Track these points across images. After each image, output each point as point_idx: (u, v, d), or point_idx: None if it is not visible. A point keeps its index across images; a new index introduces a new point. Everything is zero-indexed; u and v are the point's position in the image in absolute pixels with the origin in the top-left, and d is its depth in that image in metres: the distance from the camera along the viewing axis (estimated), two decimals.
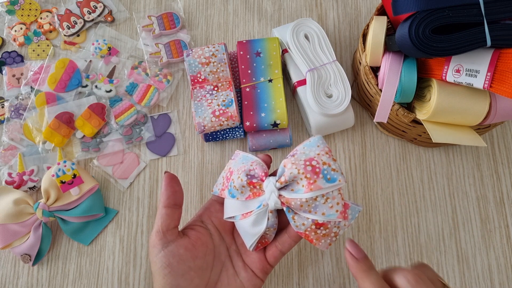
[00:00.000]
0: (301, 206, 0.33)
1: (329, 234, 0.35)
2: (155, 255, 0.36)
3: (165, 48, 0.56)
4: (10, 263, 0.49)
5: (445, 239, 0.49)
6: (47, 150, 0.52)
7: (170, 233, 0.37)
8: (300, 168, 0.33)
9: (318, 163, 0.33)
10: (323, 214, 0.33)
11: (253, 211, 0.36)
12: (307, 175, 0.33)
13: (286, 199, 0.34)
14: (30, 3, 0.59)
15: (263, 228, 0.36)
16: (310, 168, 0.33)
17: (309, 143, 0.36)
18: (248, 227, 0.36)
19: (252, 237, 0.37)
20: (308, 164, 0.33)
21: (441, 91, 0.42)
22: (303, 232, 0.34)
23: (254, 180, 0.36)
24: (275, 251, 0.38)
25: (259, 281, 0.39)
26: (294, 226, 0.34)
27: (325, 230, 0.34)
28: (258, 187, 0.36)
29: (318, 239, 0.35)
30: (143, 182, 0.52)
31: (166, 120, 0.54)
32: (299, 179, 0.33)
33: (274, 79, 0.52)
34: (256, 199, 0.36)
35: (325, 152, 0.35)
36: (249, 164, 0.37)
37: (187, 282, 0.36)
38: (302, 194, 0.33)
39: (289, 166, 0.34)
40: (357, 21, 0.59)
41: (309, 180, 0.33)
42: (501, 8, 0.36)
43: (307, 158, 0.34)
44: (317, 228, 0.34)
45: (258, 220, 0.36)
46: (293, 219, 0.34)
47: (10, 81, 0.55)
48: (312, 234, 0.34)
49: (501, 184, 0.51)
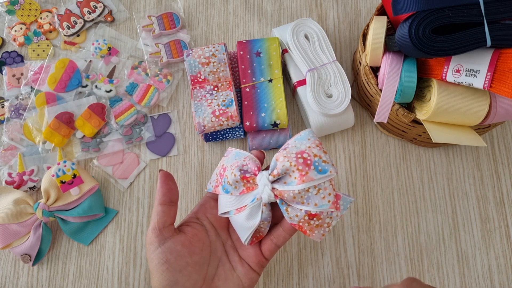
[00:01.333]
0: (294, 198, 0.34)
1: (322, 225, 0.35)
2: (152, 252, 0.36)
3: (165, 48, 0.56)
4: (10, 263, 0.49)
5: (445, 239, 0.49)
6: (47, 150, 0.52)
7: (166, 230, 0.37)
8: (292, 160, 0.34)
9: (310, 155, 0.34)
10: (316, 205, 0.34)
11: (247, 205, 0.37)
12: (299, 167, 0.33)
13: (279, 191, 0.34)
14: (30, 3, 0.59)
15: (257, 222, 0.36)
16: (301, 160, 0.34)
17: (300, 137, 0.37)
18: (243, 221, 0.37)
19: (247, 231, 0.37)
20: (300, 156, 0.34)
21: (441, 91, 0.42)
22: (297, 223, 0.35)
23: (247, 175, 0.36)
24: (270, 244, 0.39)
25: (255, 274, 0.39)
26: (287, 218, 0.35)
27: (318, 220, 0.35)
28: (252, 182, 0.37)
29: (312, 230, 0.35)
30: (143, 182, 0.52)
31: (166, 120, 0.54)
32: (291, 172, 0.34)
33: (274, 79, 0.52)
34: (249, 193, 0.37)
35: (315, 145, 0.35)
36: (242, 159, 0.38)
37: (185, 278, 0.36)
38: (294, 186, 0.34)
39: (281, 159, 0.34)
40: (357, 21, 0.59)
41: (301, 172, 0.33)
42: (501, 8, 0.36)
43: (299, 151, 0.35)
44: (310, 219, 0.35)
45: (252, 214, 0.37)
46: (286, 211, 0.35)
47: (10, 81, 0.55)
48: (305, 225, 0.35)
49: (501, 184, 0.51)
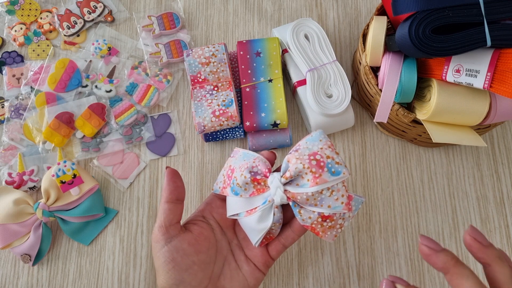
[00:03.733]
0: (307, 200, 0.34)
1: (334, 226, 0.35)
2: (158, 250, 0.36)
3: (165, 48, 0.56)
4: (10, 263, 0.49)
5: (445, 239, 0.49)
6: (47, 150, 0.52)
7: (173, 228, 0.37)
8: (304, 163, 0.33)
9: (322, 157, 0.34)
10: (329, 207, 0.34)
11: (258, 208, 0.36)
12: (312, 169, 0.33)
13: (292, 194, 0.34)
14: (30, 3, 0.59)
15: (269, 224, 0.36)
16: (314, 162, 0.33)
17: (311, 138, 0.37)
18: (254, 224, 0.37)
19: (258, 233, 0.37)
20: (313, 158, 0.34)
21: (441, 91, 0.42)
22: (310, 225, 0.35)
23: (258, 177, 0.36)
24: (277, 244, 0.39)
25: (261, 274, 0.39)
26: (300, 220, 0.35)
27: (331, 222, 0.35)
28: (262, 184, 0.36)
29: (324, 232, 0.35)
30: (143, 182, 0.52)
31: (166, 120, 0.54)
32: (304, 174, 0.34)
33: (274, 79, 0.52)
34: (260, 195, 0.37)
35: (327, 146, 0.35)
36: (252, 161, 0.37)
37: (191, 277, 0.36)
38: (308, 188, 0.33)
39: (294, 161, 0.34)
40: (357, 21, 0.59)
41: (314, 174, 0.33)
42: (501, 8, 0.36)
43: (311, 152, 0.34)
44: (323, 220, 0.34)
45: (263, 216, 0.36)
46: (299, 213, 0.35)
47: (10, 81, 0.55)
48: (318, 226, 0.35)
49: (501, 184, 0.51)
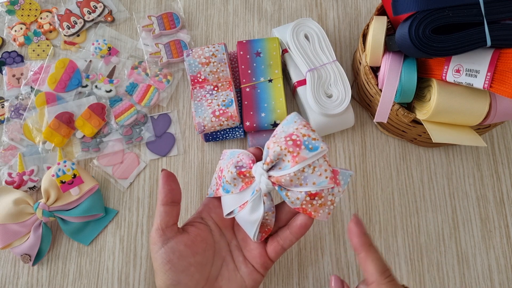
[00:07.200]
0: (291, 181, 0.34)
1: (325, 203, 0.35)
2: (156, 252, 0.37)
3: (165, 48, 0.56)
4: (10, 263, 0.49)
5: (445, 239, 0.49)
6: (47, 150, 0.52)
7: (169, 230, 0.37)
8: (282, 145, 0.34)
9: (298, 136, 0.34)
10: (314, 184, 0.34)
11: (248, 200, 0.37)
12: (290, 149, 0.34)
13: (276, 178, 0.35)
14: (30, 3, 0.59)
15: (261, 214, 0.36)
16: (291, 142, 0.34)
17: (286, 122, 0.37)
18: (247, 216, 0.37)
19: (253, 226, 0.37)
20: (289, 139, 0.34)
21: (441, 91, 0.42)
22: (300, 206, 0.35)
23: (243, 170, 0.37)
24: (276, 245, 0.39)
25: (259, 276, 0.39)
26: (289, 203, 0.35)
27: (320, 199, 0.35)
28: (248, 175, 0.37)
29: (316, 211, 0.35)
30: (143, 182, 0.52)
31: (166, 120, 0.54)
32: (284, 156, 0.34)
33: (274, 79, 0.52)
34: (249, 188, 0.37)
35: (303, 126, 0.35)
36: (236, 156, 0.38)
37: (188, 278, 0.36)
38: (289, 169, 0.34)
39: (272, 146, 0.35)
40: (357, 21, 0.59)
41: (292, 154, 0.33)
42: (501, 8, 0.36)
43: (287, 134, 0.35)
44: (312, 199, 0.34)
45: (254, 207, 0.37)
46: (286, 196, 0.35)
47: (10, 81, 0.55)
48: (309, 206, 0.35)
49: (501, 184, 0.51)
